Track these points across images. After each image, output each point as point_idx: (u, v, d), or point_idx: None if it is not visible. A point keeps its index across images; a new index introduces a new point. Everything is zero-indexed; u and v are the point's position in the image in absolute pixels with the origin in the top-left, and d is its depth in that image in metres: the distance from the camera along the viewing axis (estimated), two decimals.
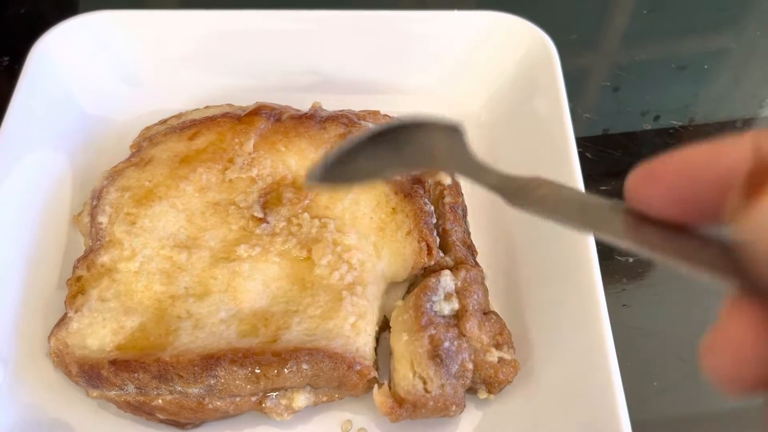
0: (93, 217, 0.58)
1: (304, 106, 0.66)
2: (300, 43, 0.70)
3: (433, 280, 0.51)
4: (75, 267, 0.56)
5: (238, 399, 0.51)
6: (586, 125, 0.73)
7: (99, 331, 0.52)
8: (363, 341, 0.52)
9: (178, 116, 0.65)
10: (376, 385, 0.50)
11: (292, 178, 0.59)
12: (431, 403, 0.48)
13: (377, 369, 0.52)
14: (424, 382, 0.48)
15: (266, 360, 0.50)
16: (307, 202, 0.57)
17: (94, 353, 0.51)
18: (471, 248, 0.59)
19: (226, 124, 0.62)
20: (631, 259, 0.64)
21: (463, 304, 0.51)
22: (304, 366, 0.50)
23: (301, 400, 0.51)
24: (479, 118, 0.70)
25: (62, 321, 0.53)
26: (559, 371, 0.53)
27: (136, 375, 0.50)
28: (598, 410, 0.49)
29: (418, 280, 0.57)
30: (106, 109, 0.68)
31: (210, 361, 0.50)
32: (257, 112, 0.62)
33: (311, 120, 0.63)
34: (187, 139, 0.61)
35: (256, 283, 0.54)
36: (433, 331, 0.49)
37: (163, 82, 0.70)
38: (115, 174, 0.60)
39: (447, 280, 0.52)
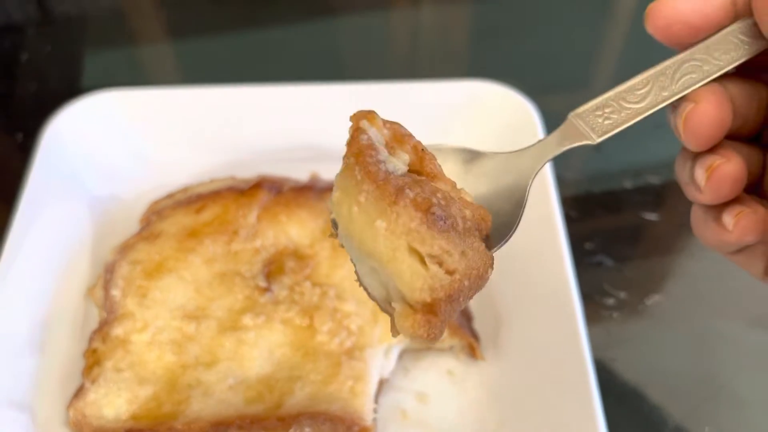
0: (106, 290, 0.61)
1: (303, 176, 0.70)
2: (297, 115, 0.75)
3: (364, 137, 0.35)
4: (91, 339, 0.59)
5: None
6: (569, 185, 0.77)
7: (115, 401, 0.55)
8: (360, 402, 0.55)
9: (185, 190, 0.69)
10: (394, 315, 0.36)
11: (294, 247, 0.63)
12: (466, 282, 0.34)
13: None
14: (441, 262, 0.34)
15: (272, 425, 0.53)
16: (308, 270, 0.61)
17: (110, 423, 0.54)
18: (466, 314, 0.62)
19: (230, 198, 0.66)
20: (615, 314, 0.67)
21: (412, 145, 0.37)
22: (306, 429, 0.53)
23: None
24: None
25: (80, 392, 0.56)
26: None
27: None
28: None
29: (412, 344, 0.61)
30: (115, 185, 0.72)
31: (219, 428, 0.53)
32: (259, 185, 0.66)
33: (310, 191, 0.66)
34: (193, 213, 0.65)
35: (261, 350, 0.57)
36: (411, 193, 0.33)
37: (168, 158, 0.73)
38: (126, 248, 0.63)
39: (374, 132, 0.36)
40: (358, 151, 0.35)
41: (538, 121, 0.71)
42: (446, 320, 0.34)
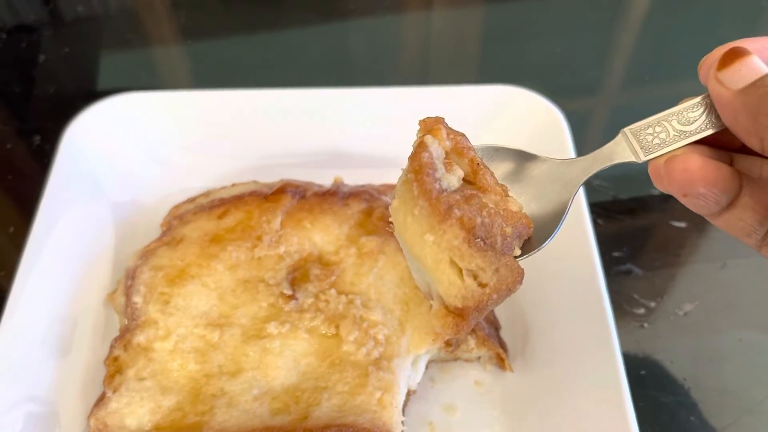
0: (128, 296, 0.60)
1: (326, 181, 0.68)
2: (319, 120, 0.74)
3: (425, 155, 0.40)
4: (112, 347, 0.58)
5: None
6: (596, 193, 0.76)
7: (137, 411, 0.54)
8: (389, 414, 0.53)
9: (206, 194, 0.68)
10: (430, 309, 0.43)
11: (318, 254, 0.62)
12: (495, 295, 0.40)
13: None
14: (476, 276, 0.40)
15: None
16: (333, 278, 0.60)
17: None
18: (494, 324, 0.61)
19: (253, 203, 0.64)
20: (646, 324, 0.66)
21: (470, 158, 0.42)
22: None
23: None
24: None
25: (101, 400, 0.55)
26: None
27: None
28: None
29: (439, 354, 0.59)
30: (135, 188, 0.71)
31: None
32: (283, 189, 0.65)
33: (334, 197, 0.65)
34: (216, 218, 0.64)
35: (287, 359, 0.56)
36: (458, 212, 0.39)
37: (189, 161, 0.73)
38: (147, 253, 0.62)
39: (436, 147, 0.40)
40: (419, 168, 0.39)
41: (566, 126, 0.70)
42: (473, 323, 0.40)
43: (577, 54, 0.96)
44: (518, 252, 0.42)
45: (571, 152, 0.68)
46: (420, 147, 0.40)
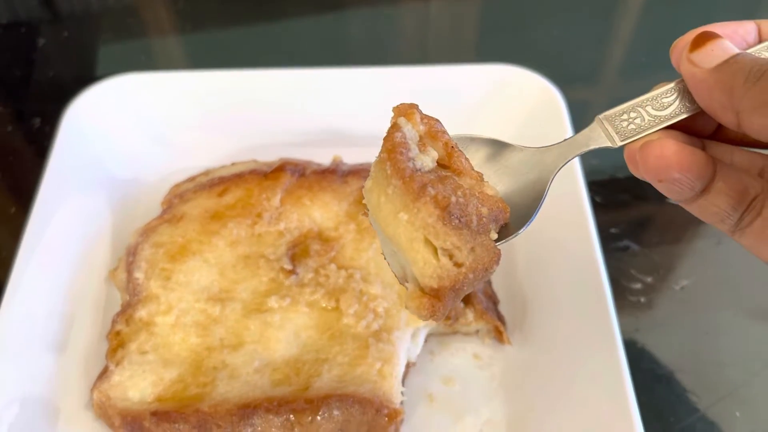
0: (129, 272, 0.61)
1: (325, 160, 0.69)
2: (318, 99, 0.74)
3: (398, 135, 0.39)
4: (114, 321, 0.58)
5: None
6: (594, 171, 0.77)
7: (140, 384, 0.55)
8: (389, 385, 0.54)
9: (206, 173, 0.68)
10: (405, 292, 0.42)
11: (318, 230, 0.62)
12: (471, 275, 0.39)
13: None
14: (451, 256, 0.39)
15: (299, 407, 0.52)
16: (333, 253, 0.60)
17: (135, 405, 0.54)
18: (492, 297, 0.61)
19: (253, 181, 0.65)
20: (643, 299, 0.66)
21: (444, 142, 0.41)
22: (335, 412, 0.52)
23: None
24: None
25: (104, 374, 0.56)
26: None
27: (176, 426, 0.52)
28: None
29: (438, 328, 0.60)
30: (135, 168, 0.71)
31: (246, 410, 0.52)
32: (282, 168, 0.65)
33: (333, 174, 0.66)
34: (216, 196, 0.64)
35: (287, 332, 0.57)
36: (432, 191, 0.38)
37: (189, 141, 0.73)
38: (148, 231, 0.63)
39: (409, 129, 0.40)
40: (391, 147, 0.38)
41: (564, 106, 0.70)
42: (449, 305, 0.39)
43: (576, 41, 0.96)
44: (495, 236, 0.41)
45: (568, 131, 0.68)
46: (393, 128, 0.40)
